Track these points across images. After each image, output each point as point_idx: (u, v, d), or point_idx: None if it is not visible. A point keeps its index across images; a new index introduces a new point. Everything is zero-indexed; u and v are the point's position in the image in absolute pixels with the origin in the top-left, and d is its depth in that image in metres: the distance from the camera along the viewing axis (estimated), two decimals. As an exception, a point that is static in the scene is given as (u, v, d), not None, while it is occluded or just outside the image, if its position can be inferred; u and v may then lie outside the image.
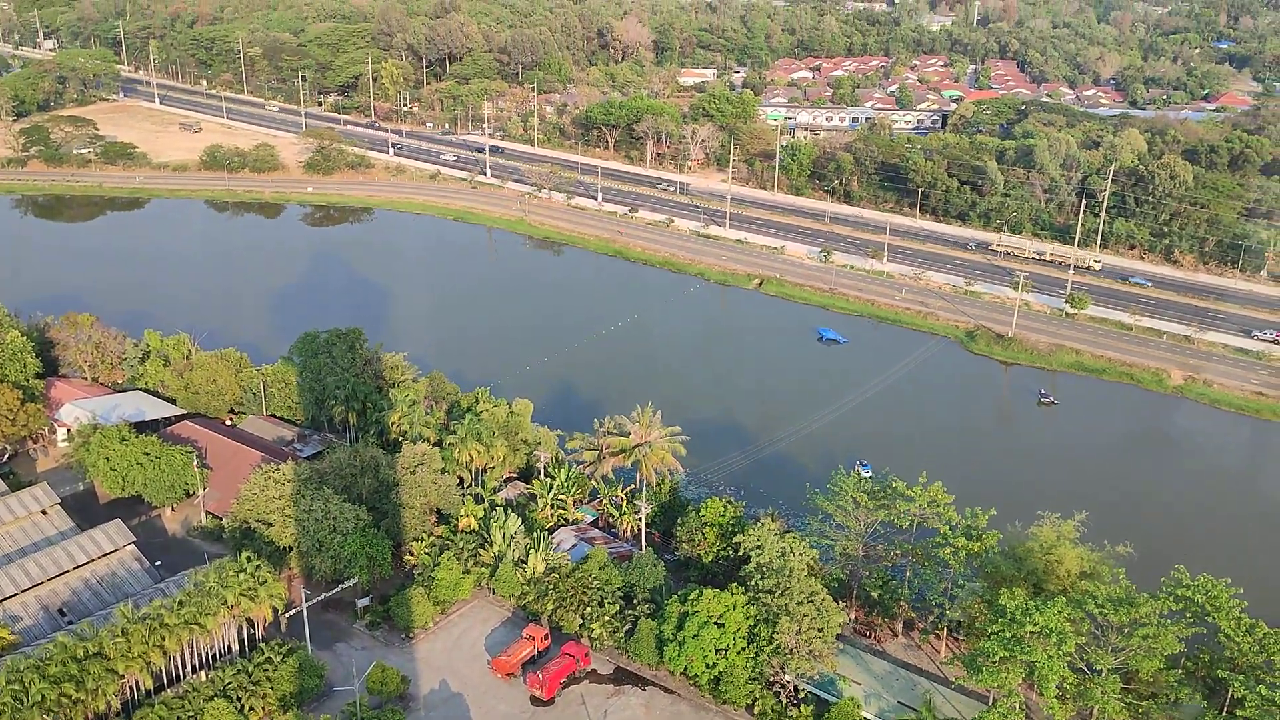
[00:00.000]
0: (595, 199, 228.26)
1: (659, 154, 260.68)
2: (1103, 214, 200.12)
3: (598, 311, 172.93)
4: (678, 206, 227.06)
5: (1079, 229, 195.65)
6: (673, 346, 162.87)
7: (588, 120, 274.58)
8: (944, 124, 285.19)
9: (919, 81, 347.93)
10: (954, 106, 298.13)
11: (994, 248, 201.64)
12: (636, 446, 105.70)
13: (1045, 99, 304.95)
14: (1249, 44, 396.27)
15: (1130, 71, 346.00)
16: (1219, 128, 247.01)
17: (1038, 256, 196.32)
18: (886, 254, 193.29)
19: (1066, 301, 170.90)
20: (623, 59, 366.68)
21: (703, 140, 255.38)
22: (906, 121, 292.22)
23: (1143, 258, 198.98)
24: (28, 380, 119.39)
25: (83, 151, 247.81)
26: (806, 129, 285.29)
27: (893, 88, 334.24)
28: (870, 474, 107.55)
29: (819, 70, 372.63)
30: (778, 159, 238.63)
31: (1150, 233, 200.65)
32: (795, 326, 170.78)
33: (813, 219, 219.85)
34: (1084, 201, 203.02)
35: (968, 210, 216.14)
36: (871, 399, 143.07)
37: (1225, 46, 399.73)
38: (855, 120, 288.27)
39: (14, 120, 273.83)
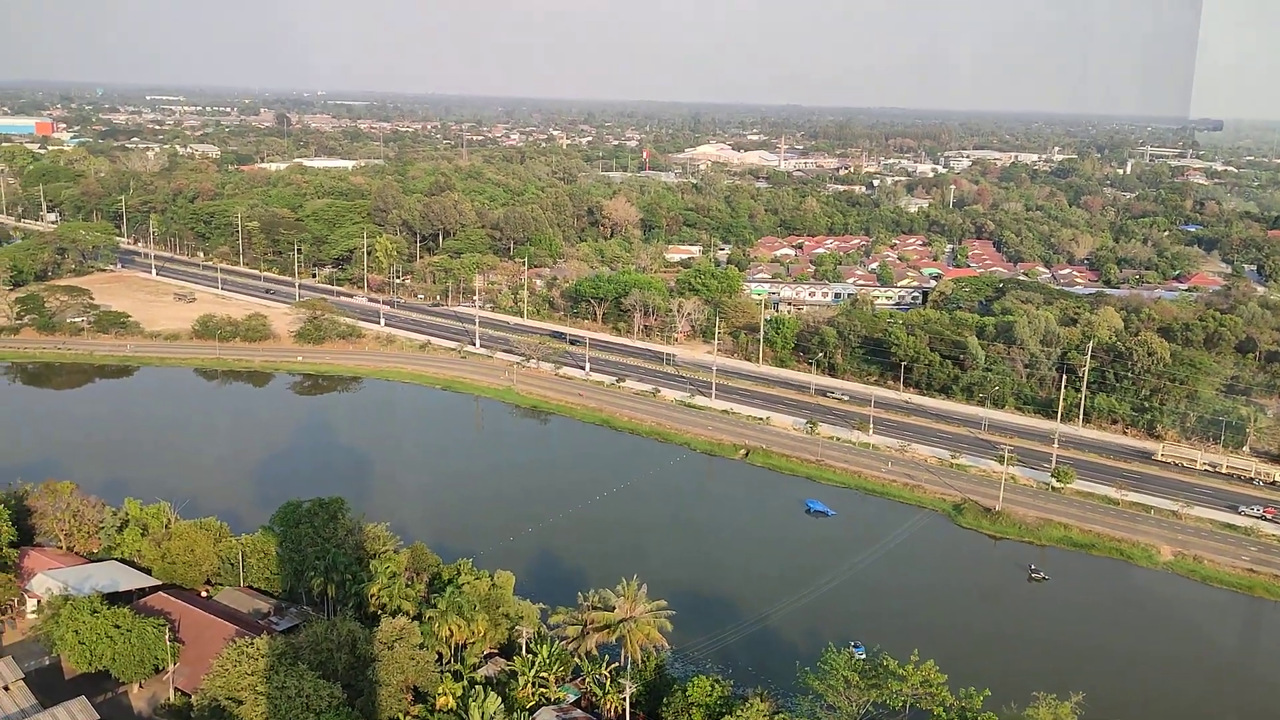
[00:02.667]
0: (583, 369, 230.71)
1: (646, 326, 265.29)
2: (1084, 389, 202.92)
3: (584, 481, 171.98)
4: (664, 377, 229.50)
5: (1060, 404, 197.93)
6: (659, 517, 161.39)
7: (577, 293, 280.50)
8: (924, 300, 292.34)
9: (899, 259, 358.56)
10: (934, 283, 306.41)
11: (1160, 458, 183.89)
12: (621, 622, 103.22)
13: (1022, 277, 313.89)
14: (1216, 228, 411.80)
15: (1103, 252, 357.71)
16: (1192, 306, 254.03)
17: (1212, 469, 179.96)
18: (872, 426, 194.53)
19: (1052, 475, 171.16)
20: (611, 235, 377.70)
21: (689, 313, 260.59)
22: (888, 297, 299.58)
23: (1125, 432, 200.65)
24: (1, 550, 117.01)
25: (76, 320, 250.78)
26: (790, 303, 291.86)
27: (874, 265, 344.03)
28: (864, 655, 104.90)
29: (801, 248, 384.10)
30: (762, 332, 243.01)
31: (1131, 407, 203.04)
32: (782, 498, 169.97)
33: (798, 390, 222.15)
34: (1064, 377, 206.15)
35: (950, 384, 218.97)
36: (860, 573, 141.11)
37: (1193, 230, 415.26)
38: (838, 295, 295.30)
39: (10, 289, 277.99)
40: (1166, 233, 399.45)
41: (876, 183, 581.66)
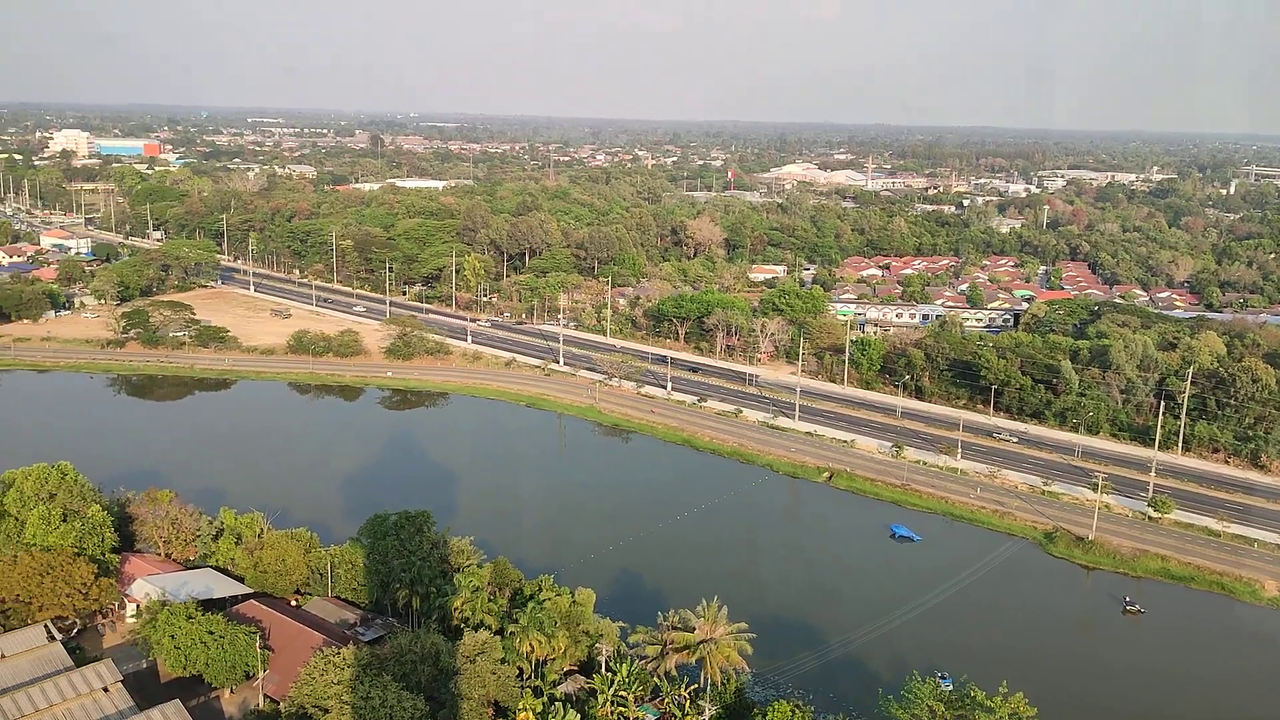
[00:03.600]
0: (665, 388, 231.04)
1: (729, 346, 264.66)
2: (1183, 416, 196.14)
3: (664, 501, 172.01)
4: (747, 397, 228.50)
5: (1158, 431, 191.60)
6: (740, 539, 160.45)
7: (659, 313, 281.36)
8: (1016, 323, 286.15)
9: (989, 281, 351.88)
10: (1026, 306, 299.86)
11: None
12: (701, 643, 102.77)
13: (1119, 300, 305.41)
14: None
15: (1204, 275, 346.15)
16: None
17: None
18: (960, 450, 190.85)
19: (1149, 505, 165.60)
20: (695, 255, 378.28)
21: (772, 334, 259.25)
22: (978, 319, 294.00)
23: (1227, 462, 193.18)
24: (104, 555, 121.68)
25: (178, 334, 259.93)
26: (876, 324, 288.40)
27: (963, 286, 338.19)
28: (950, 686, 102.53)
29: (888, 268, 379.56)
30: (847, 353, 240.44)
31: (1234, 436, 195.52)
32: (866, 522, 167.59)
33: (883, 413, 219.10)
34: (1163, 403, 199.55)
35: (1042, 409, 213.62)
36: (946, 600, 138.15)
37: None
38: (926, 317, 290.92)
39: (118, 304, 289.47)
40: (1273, 255, 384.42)
41: (967, 202, 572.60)
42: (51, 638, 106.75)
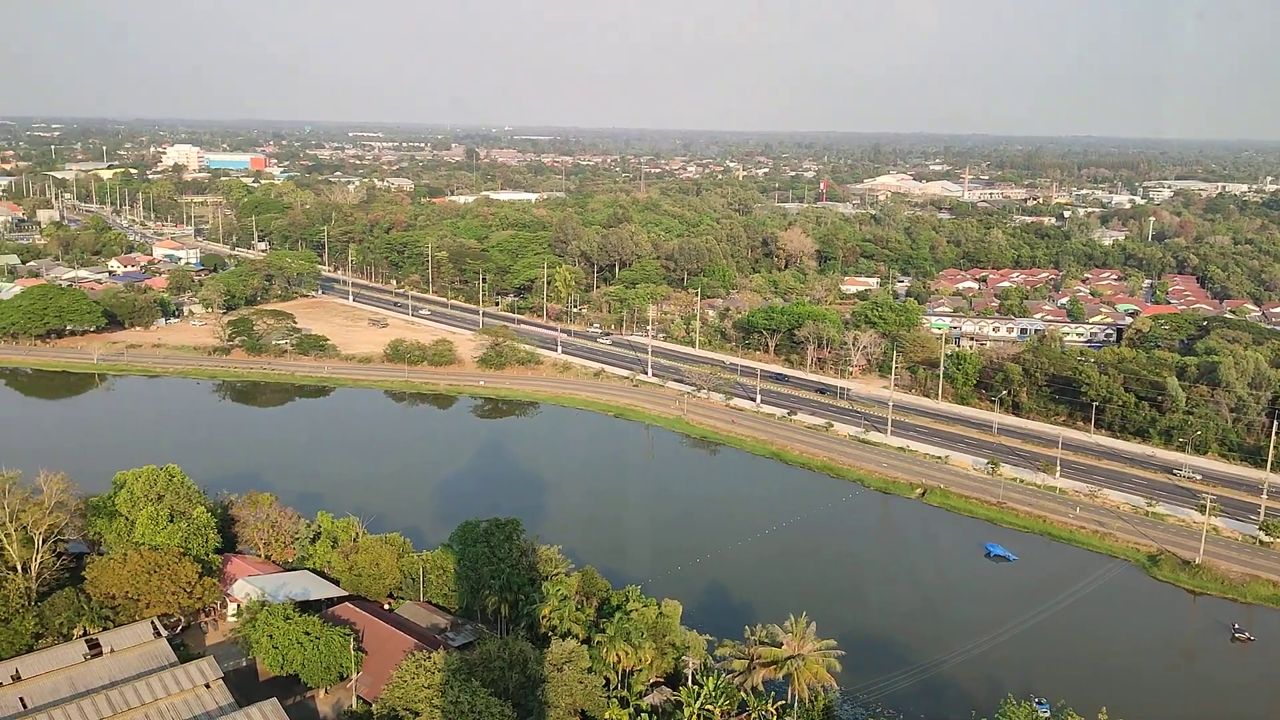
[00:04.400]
0: (754, 400, 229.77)
1: (820, 359, 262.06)
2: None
3: (753, 514, 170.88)
4: (838, 411, 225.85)
5: (1271, 451, 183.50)
6: (829, 554, 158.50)
7: (749, 324, 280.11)
8: (1119, 338, 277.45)
9: (1091, 294, 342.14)
10: (1129, 320, 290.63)
11: None
12: (789, 659, 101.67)
13: (1229, 315, 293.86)
14: None
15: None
16: None
17: None
18: (1059, 469, 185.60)
19: (1261, 528, 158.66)
20: (786, 266, 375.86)
21: (864, 347, 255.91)
22: (1079, 334, 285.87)
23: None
24: (207, 555, 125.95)
25: (280, 342, 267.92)
26: (972, 338, 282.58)
27: (1063, 300, 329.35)
28: (1047, 713, 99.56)
29: (985, 281, 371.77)
30: (942, 367, 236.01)
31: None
32: (960, 540, 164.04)
33: (979, 429, 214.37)
34: (1275, 422, 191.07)
35: (1147, 427, 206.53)
36: (1043, 622, 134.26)
37: None
38: (1024, 331, 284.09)
39: (224, 313, 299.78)
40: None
41: (1068, 214, 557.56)
42: (157, 634, 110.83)
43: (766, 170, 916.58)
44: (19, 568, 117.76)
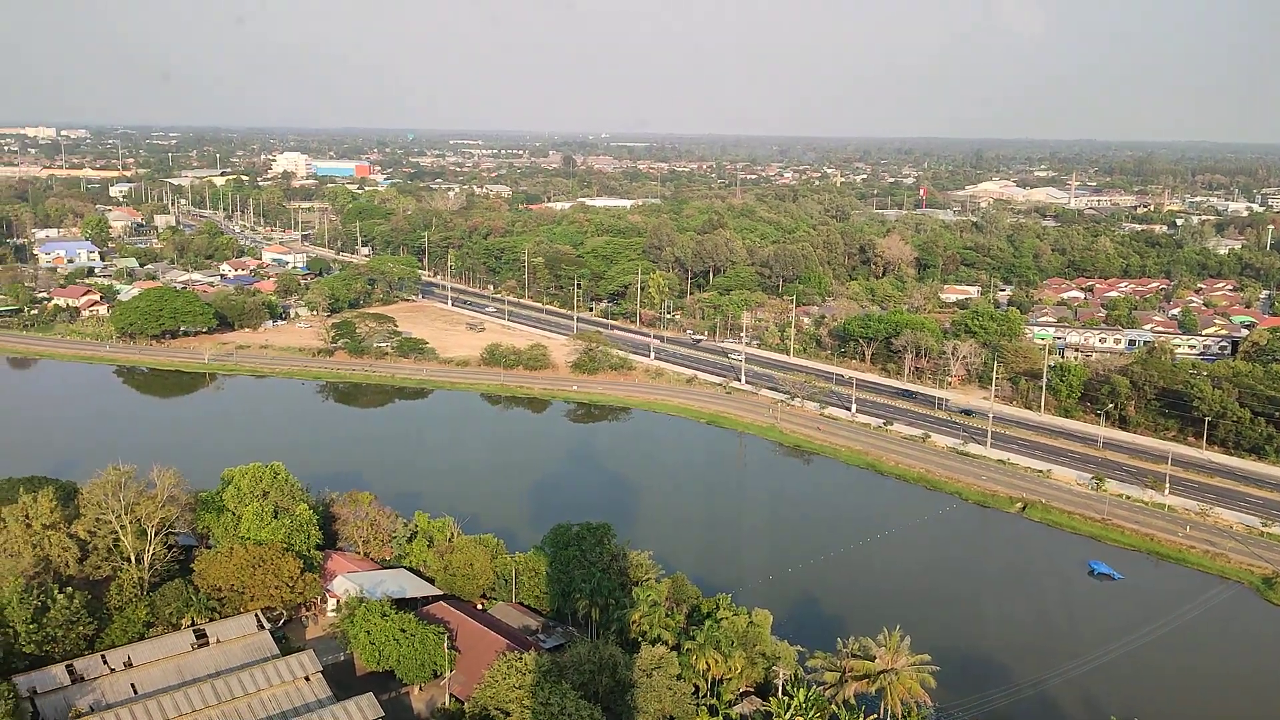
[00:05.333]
0: (849, 409, 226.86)
1: (917, 368, 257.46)
2: None
3: (846, 525, 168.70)
4: (935, 422, 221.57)
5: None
6: (925, 568, 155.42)
7: (845, 332, 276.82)
8: (1234, 351, 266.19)
9: (1205, 305, 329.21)
10: (1245, 333, 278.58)
11: None
12: (882, 673, 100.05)
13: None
14: None
15: None
16: None
17: None
18: (1168, 485, 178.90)
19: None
20: (883, 274, 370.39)
21: (964, 356, 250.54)
22: (1191, 346, 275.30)
23: None
24: (309, 551, 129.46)
25: (381, 345, 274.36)
26: (1077, 349, 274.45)
27: (1175, 310, 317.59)
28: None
29: (1092, 290, 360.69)
30: (1045, 379, 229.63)
31: None
32: (1062, 557, 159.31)
33: (1083, 443, 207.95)
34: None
35: (1263, 444, 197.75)
36: (1149, 645, 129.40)
37: None
38: (1132, 342, 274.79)
39: (328, 316, 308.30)
40: None
41: (1180, 222, 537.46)
42: (261, 626, 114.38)
43: (864, 176, 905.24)
44: (133, 559, 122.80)
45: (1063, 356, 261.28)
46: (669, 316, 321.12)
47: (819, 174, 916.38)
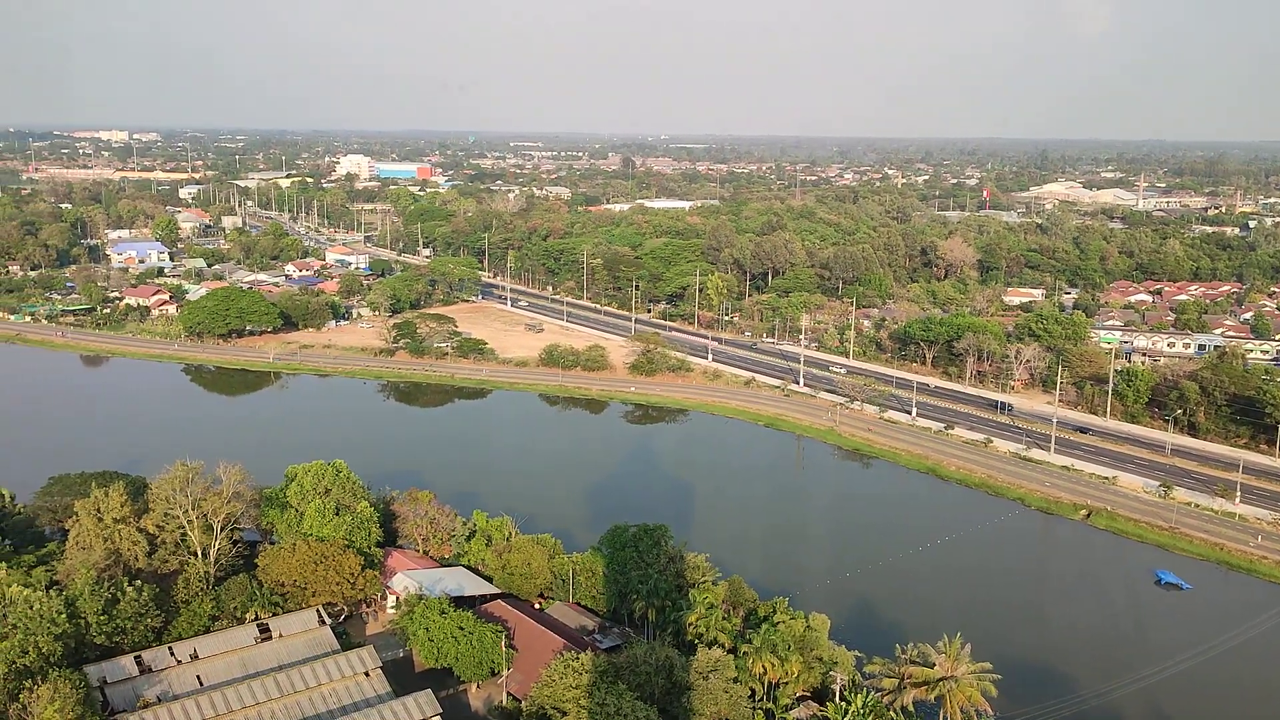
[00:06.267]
0: (909, 413, 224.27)
1: (979, 372, 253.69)
2: None
3: (906, 530, 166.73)
4: (997, 426, 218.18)
5: None
6: (986, 574, 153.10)
7: (906, 335, 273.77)
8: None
9: (1278, 310, 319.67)
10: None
11: None
12: (941, 680, 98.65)
13: None
14: None
15: None
16: None
17: None
18: (1239, 494, 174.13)
19: None
20: (945, 276, 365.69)
21: (1027, 360, 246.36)
22: (1264, 351, 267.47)
23: None
24: (370, 548, 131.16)
25: (442, 345, 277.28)
26: (1144, 354, 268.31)
27: (1247, 315, 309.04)
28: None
29: (1160, 294, 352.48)
30: (1111, 384, 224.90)
31: None
32: (1128, 565, 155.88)
33: (1150, 450, 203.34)
34: None
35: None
36: (1219, 657, 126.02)
37: None
38: (1202, 347, 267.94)
39: (390, 316, 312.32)
40: None
41: (1254, 223, 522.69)
42: (322, 622, 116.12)
43: (926, 177, 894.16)
44: (199, 553, 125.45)
45: (1129, 361, 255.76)
46: (727, 318, 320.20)
47: (880, 175, 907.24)
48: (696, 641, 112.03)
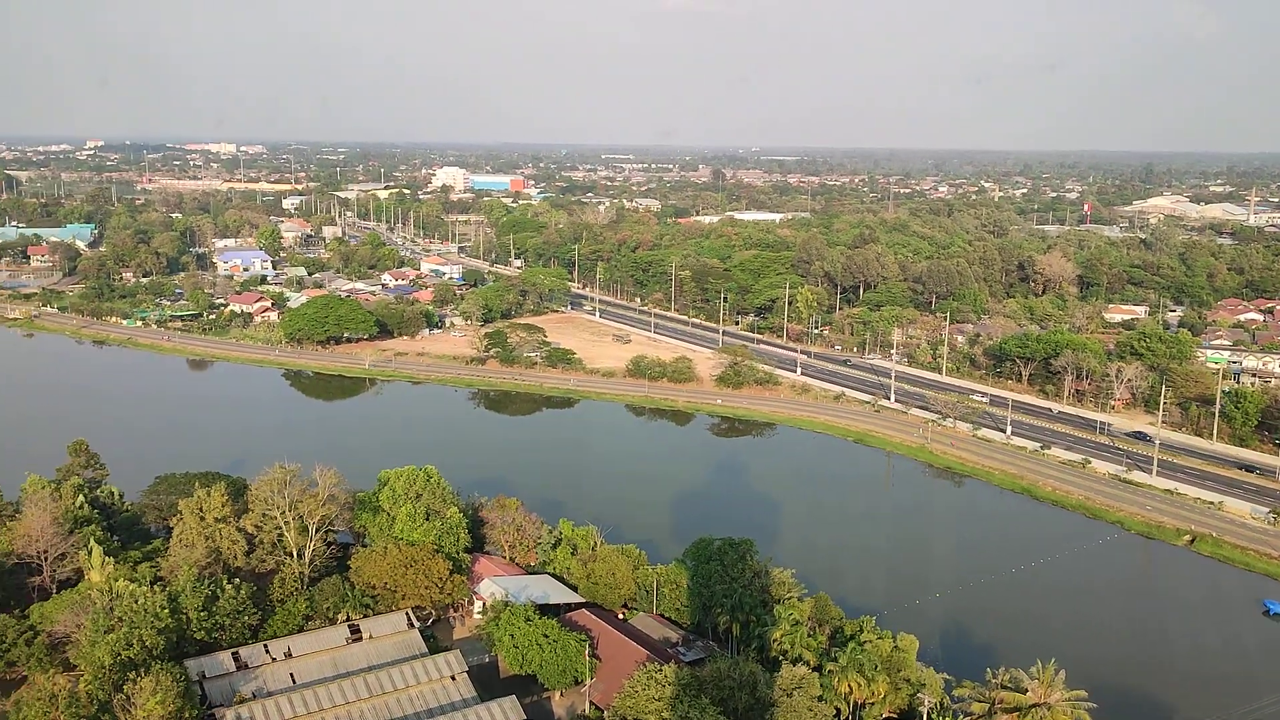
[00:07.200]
0: (1004, 431, 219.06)
1: (1078, 391, 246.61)
2: None
3: (999, 551, 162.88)
4: (1096, 447, 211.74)
5: None
6: (1082, 600, 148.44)
7: (1001, 352, 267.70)
8: None
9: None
10: None
11: None
12: (1033, 706, 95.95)
13: None
14: None
15: None
16: None
17: None
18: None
19: None
20: (1043, 292, 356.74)
21: (1129, 379, 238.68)
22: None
23: None
24: (458, 554, 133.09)
25: (531, 355, 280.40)
26: (1254, 374, 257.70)
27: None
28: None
29: (1271, 313, 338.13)
30: (1218, 405, 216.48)
31: None
32: (1234, 594, 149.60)
33: (1260, 474, 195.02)
34: None
35: None
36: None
37: None
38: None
39: (481, 325, 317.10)
40: None
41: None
42: (411, 625, 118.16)
43: (1025, 191, 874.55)
44: (295, 554, 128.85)
45: (1238, 382, 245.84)
46: (816, 332, 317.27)
47: (976, 188, 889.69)
48: (780, 658, 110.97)
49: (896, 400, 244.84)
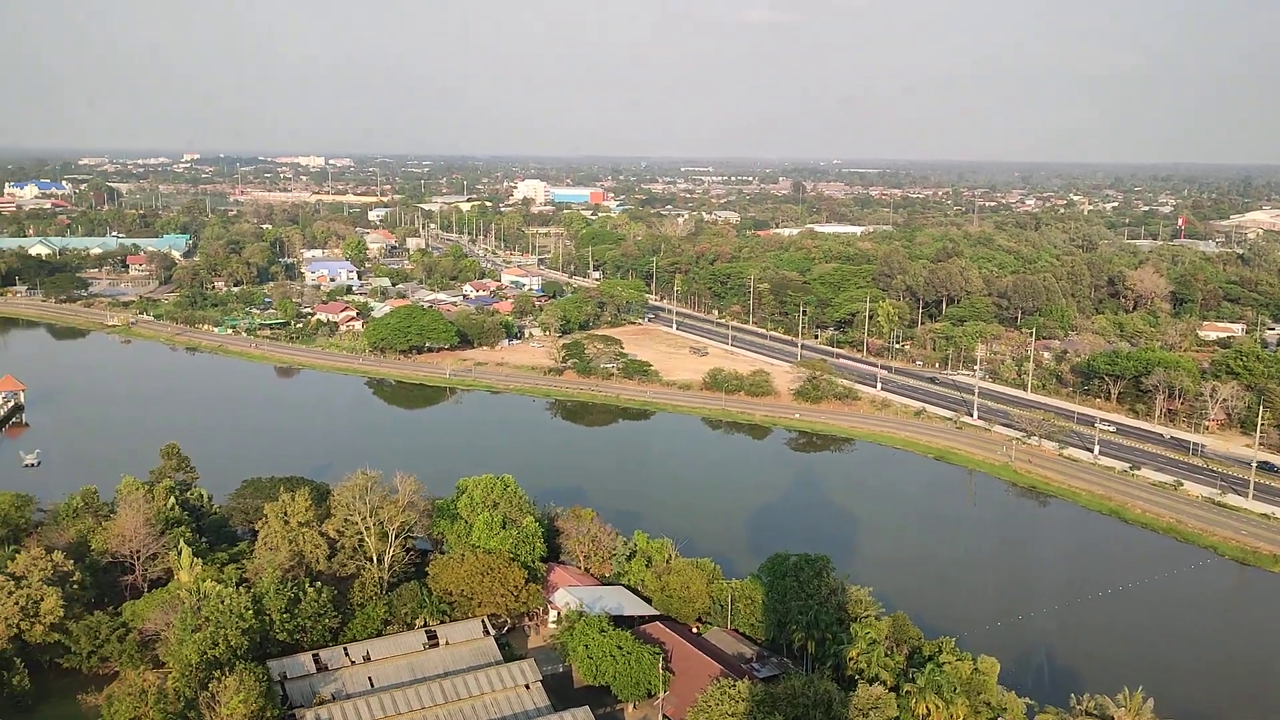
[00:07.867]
0: (1091, 450, 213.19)
1: (1169, 410, 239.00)
2: None
3: (1084, 574, 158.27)
4: (1188, 469, 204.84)
5: None
6: (1172, 626, 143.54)
7: (1089, 369, 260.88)
8: None
9: None
10: None
11: None
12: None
13: None
14: None
15: None
16: None
17: None
18: None
19: None
20: (1134, 308, 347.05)
21: (1224, 399, 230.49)
22: None
23: None
24: (534, 563, 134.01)
25: (608, 366, 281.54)
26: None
27: None
28: None
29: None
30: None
31: None
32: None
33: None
34: None
35: None
36: None
37: None
38: None
39: (560, 336, 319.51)
40: None
41: None
42: (486, 632, 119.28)
43: (1115, 204, 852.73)
44: (374, 559, 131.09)
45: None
46: (897, 346, 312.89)
47: (1064, 202, 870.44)
48: (857, 677, 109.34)
49: (979, 417, 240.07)
